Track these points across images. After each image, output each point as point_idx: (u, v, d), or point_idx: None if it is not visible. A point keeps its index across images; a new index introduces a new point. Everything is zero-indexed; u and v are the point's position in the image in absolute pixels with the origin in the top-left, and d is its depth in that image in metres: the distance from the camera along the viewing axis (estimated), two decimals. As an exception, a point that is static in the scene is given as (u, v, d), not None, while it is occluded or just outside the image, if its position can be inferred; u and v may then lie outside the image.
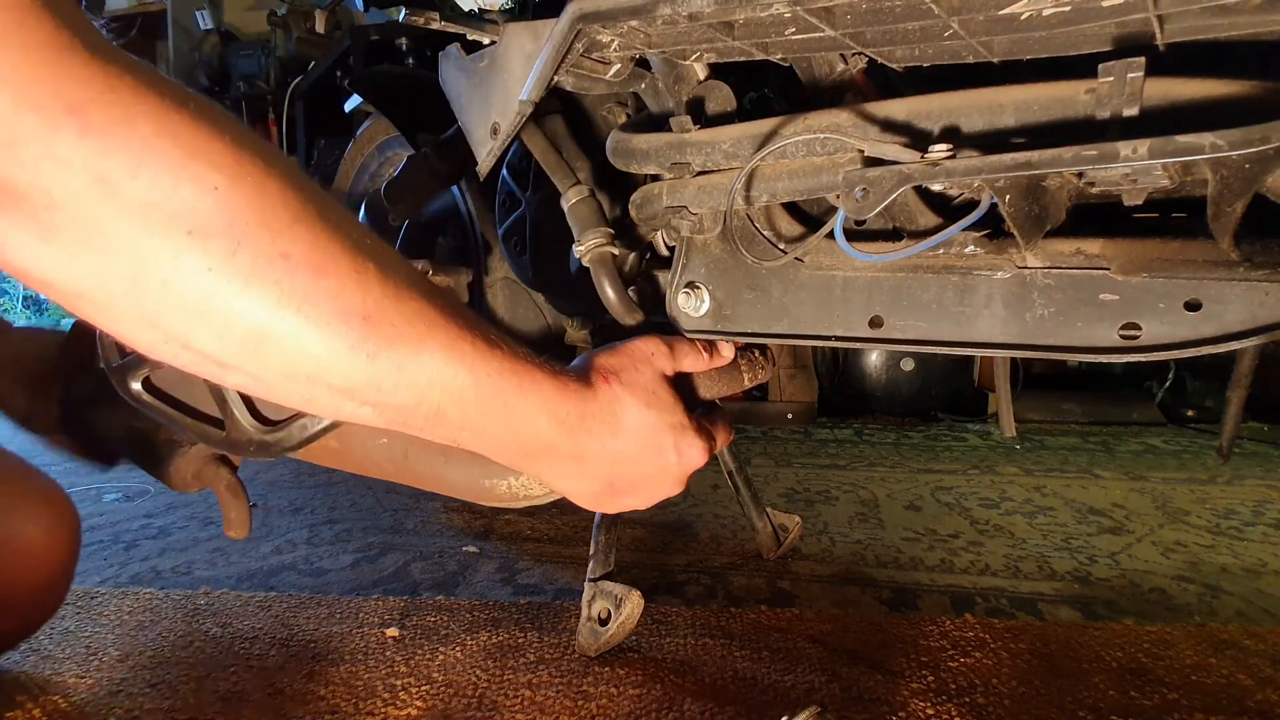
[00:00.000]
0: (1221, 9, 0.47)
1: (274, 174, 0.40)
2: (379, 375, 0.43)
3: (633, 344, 0.63)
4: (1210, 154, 0.43)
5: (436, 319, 0.46)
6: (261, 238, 0.38)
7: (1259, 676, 0.81)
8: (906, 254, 0.60)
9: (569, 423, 0.55)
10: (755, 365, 0.77)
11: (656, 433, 0.59)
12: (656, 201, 0.73)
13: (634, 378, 0.60)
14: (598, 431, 0.57)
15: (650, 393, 0.60)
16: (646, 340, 0.64)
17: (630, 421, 0.58)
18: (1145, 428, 2.25)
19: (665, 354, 0.64)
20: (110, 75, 0.35)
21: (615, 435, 0.58)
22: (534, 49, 0.66)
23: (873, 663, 0.83)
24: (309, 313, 0.40)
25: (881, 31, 0.55)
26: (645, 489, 0.62)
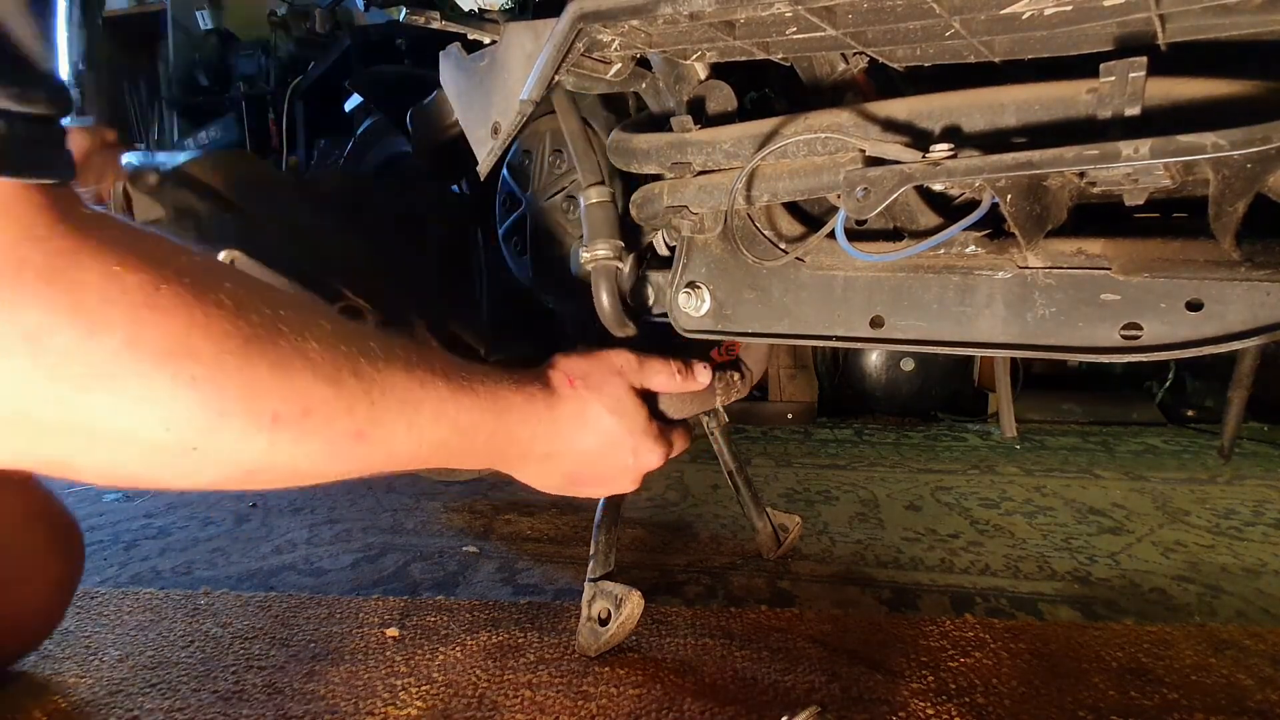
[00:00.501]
0: (1223, 9, 0.47)
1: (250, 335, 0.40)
2: (371, 463, 0.49)
3: (605, 354, 0.66)
4: (1212, 153, 0.43)
5: (416, 395, 0.49)
6: (250, 410, 0.40)
7: (1259, 676, 0.81)
8: (907, 254, 0.60)
9: (540, 430, 0.60)
10: (731, 387, 0.78)
11: (619, 437, 0.64)
12: (657, 201, 0.73)
13: (601, 384, 0.64)
14: (567, 433, 0.62)
15: (616, 400, 0.64)
16: (619, 353, 0.67)
17: (596, 424, 0.63)
18: (1145, 428, 2.25)
19: (634, 369, 0.67)
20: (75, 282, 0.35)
21: (582, 435, 0.63)
22: (534, 48, 0.66)
23: (873, 663, 0.83)
24: (308, 448, 0.44)
25: (883, 31, 0.55)
26: (603, 484, 0.69)
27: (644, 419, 0.66)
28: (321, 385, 0.43)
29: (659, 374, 0.69)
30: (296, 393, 0.42)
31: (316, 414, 0.43)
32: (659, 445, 0.68)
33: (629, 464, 0.67)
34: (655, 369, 0.69)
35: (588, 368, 0.64)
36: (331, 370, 0.44)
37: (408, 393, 0.49)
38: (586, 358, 0.65)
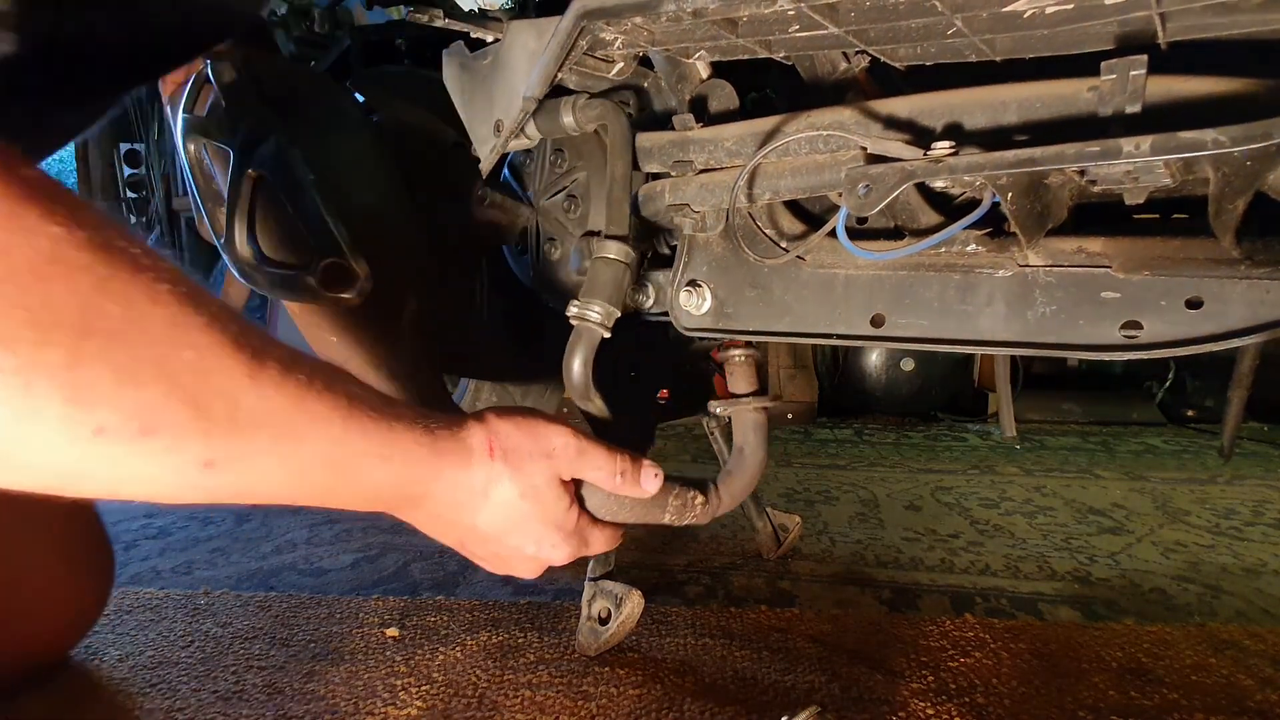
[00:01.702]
0: (1223, 7, 0.47)
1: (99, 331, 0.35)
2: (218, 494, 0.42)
3: (543, 431, 0.57)
4: (1212, 150, 0.43)
5: (299, 431, 0.43)
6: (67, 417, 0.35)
7: (1259, 676, 0.81)
8: (909, 252, 0.60)
9: (440, 490, 0.52)
10: (687, 508, 0.68)
11: (523, 524, 0.56)
12: (659, 199, 0.73)
13: (524, 463, 0.55)
14: (469, 504, 0.54)
15: (534, 487, 0.56)
16: (560, 432, 0.58)
17: (503, 504, 0.55)
18: (1145, 428, 2.25)
19: (570, 456, 0.58)
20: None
21: (484, 511, 0.55)
22: (538, 46, 0.66)
23: (873, 663, 0.83)
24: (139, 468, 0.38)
25: (885, 29, 0.55)
26: (496, 564, 0.60)
27: (561, 512, 0.58)
28: (177, 405, 0.37)
29: (599, 470, 0.60)
30: (140, 408, 0.36)
31: (161, 435, 0.37)
32: (568, 543, 0.60)
33: (528, 553, 0.59)
34: (595, 462, 0.59)
35: (518, 440, 0.55)
36: (197, 388, 0.38)
37: (290, 427, 0.43)
38: (522, 427, 0.56)
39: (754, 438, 0.85)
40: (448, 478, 0.52)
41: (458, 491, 0.53)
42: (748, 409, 0.86)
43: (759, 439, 0.85)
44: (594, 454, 0.59)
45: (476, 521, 0.55)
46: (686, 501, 0.67)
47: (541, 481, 0.56)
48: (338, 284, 0.67)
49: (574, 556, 0.60)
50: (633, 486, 0.62)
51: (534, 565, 0.60)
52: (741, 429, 0.85)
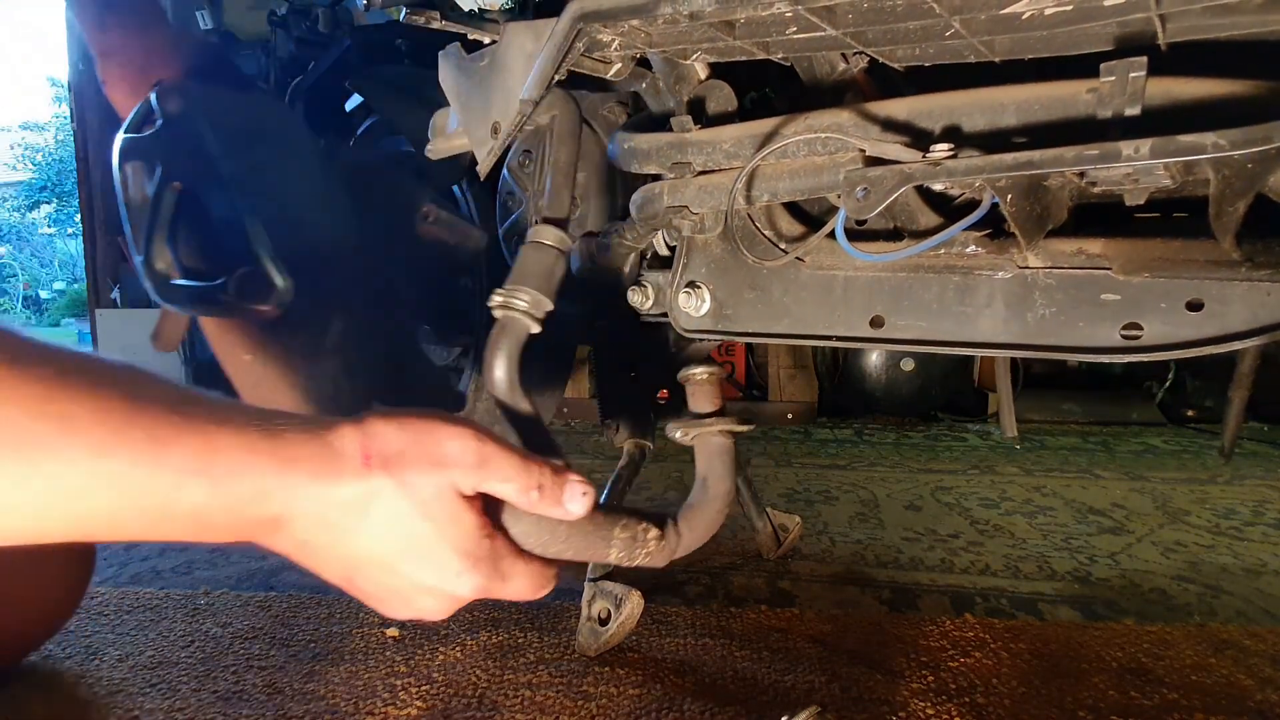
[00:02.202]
0: (1223, 9, 0.46)
1: None
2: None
3: (432, 432, 0.46)
4: (1212, 153, 0.43)
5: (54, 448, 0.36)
6: None
7: (1259, 676, 0.81)
8: (908, 254, 0.60)
9: (297, 509, 0.42)
10: (637, 544, 0.56)
11: (419, 547, 0.45)
12: (657, 201, 0.73)
13: (410, 473, 0.44)
14: (340, 524, 0.43)
15: (423, 501, 0.44)
16: (457, 434, 0.46)
17: (388, 524, 0.44)
18: (1145, 428, 2.25)
19: (469, 466, 0.46)
20: None
21: (362, 534, 0.44)
22: (535, 48, 0.66)
23: (873, 663, 0.83)
24: None
25: (883, 31, 0.55)
26: (392, 603, 0.48)
27: (463, 533, 0.46)
28: None
29: (507, 483, 0.47)
30: None
31: None
32: (475, 571, 0.46)
33: (428, 583, 0.46)
34: (502, 472, 0.47)
35: (401, 446, 0.44)
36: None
37: (22, 437, 0.35)
38: (408, 429, 0.45)
39: (719, 465, 0.74)
40: (309, 492, 0.42)
41: (327, 509, 0.43)
42: (711, 433, 0.75)
43: (724, 466, 0.74)
44: (500, 463, 0.47)
45: (357, 547, 0.44)
46: (637, 536, 0.55)
47: (431, 495, 0.44)
48: (254, 294, 0.63)
49: (486, 591, 0.48)
50: (552, 505, 0.49)
51: (438, 600, 0.47)
52: (705, 456, 0.75)
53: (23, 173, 12.44)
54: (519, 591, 0.50)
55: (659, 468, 1.72)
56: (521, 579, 0.49)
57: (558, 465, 0.51)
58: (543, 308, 0.63)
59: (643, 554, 0.56)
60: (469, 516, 0.46)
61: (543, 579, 0.51)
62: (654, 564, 0.58)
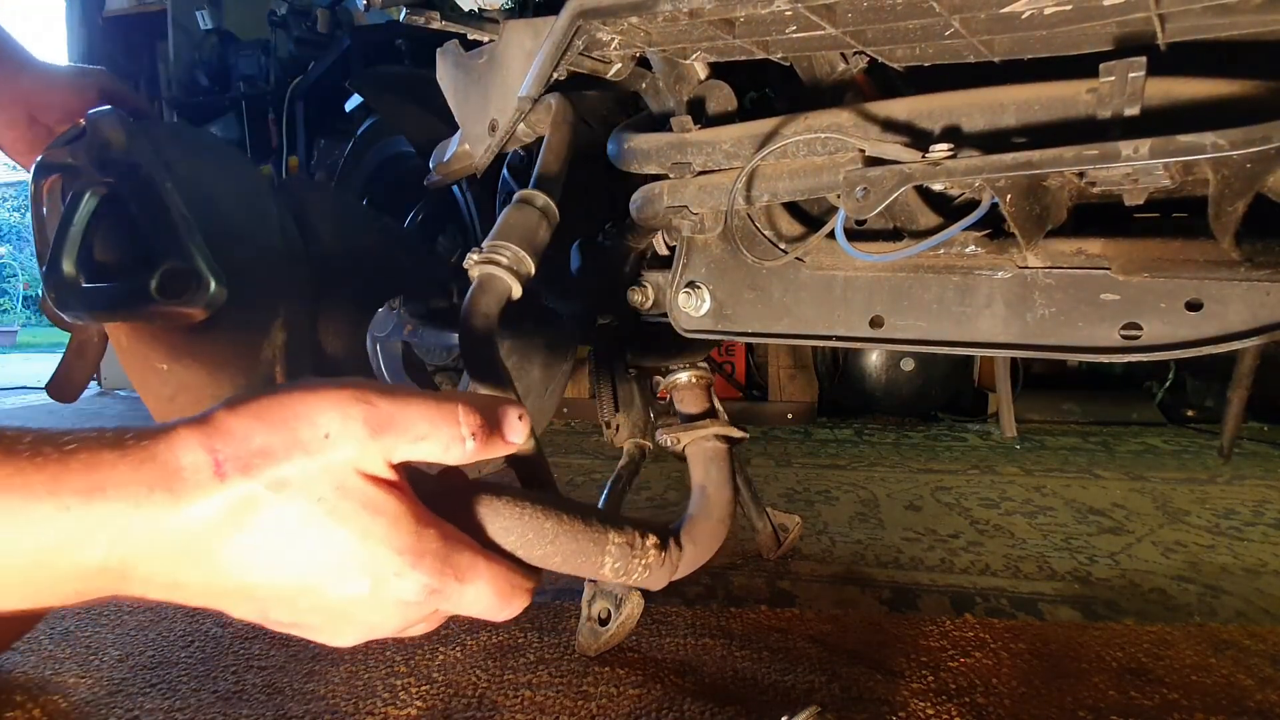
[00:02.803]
0: (1222, 8, 0.46)
1: None
2: None
3: (303, 406, 0.35)
4: (1211, 153, 0.43)
5: None
6: None
7: (1259, 676, 0.81)
8: (907, 254, 0.60)
9: (135, 546, 0.33)
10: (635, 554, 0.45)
11: (341, 555, 0.35)
12: (657, 201, 0.73)
13: (290, 472, 0.34)
14: (200, 553, 0.34)
15: (323, 499, 0.34)
16: (335, 403, 0.35)
17: (278, 539, 0.34)
18: (1145, 428, 2.25)
19: (367, 435, 0.35)
20: None
21: (237, 561, 0.34)
22: (534, 46, 0.66)
23: (873, 663, 0.83)
24: None
25: (883, 30, 0.55)
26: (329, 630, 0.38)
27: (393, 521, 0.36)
28: None
29: (421, 440, 0.36)
30: None
31: None
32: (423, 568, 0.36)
33: (363, 596, 0.36)
34: (411, 428, 0.36)
35: (265, 438, 0.34)
36: None
37: None
38: (268, 414, 0.35)
39: (716, 473, 0.67)
40: (140, 523, 0.32)
41: (176, 539, 0.33)
42: (704, 439, 0.68)
43: (722, 473, 0.67)
44: (406, 420, 0.36)
45: (246, 576, 0.35)
46: (635, 545, 0.45)
47: (327, 488, 0.34)
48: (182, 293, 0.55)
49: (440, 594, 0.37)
50: (495, 441, 0.39)
51: (383, 613, 0.37)
52: (701, 464, 0.67)
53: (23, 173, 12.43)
54: (482, 599, 0.38)
55: (659, 468, 1.72)
56: (484, 582, 0.38)
57: (489, 396, 0.40)
58: (525, 267, 0.55)
59: (640, 567, 0.46)
60: (391, 501, 0.36)
61: (512, 584, 0.39)
62: (651, 584, 0.48)
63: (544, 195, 0.59)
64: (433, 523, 0.38)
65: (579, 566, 0.44)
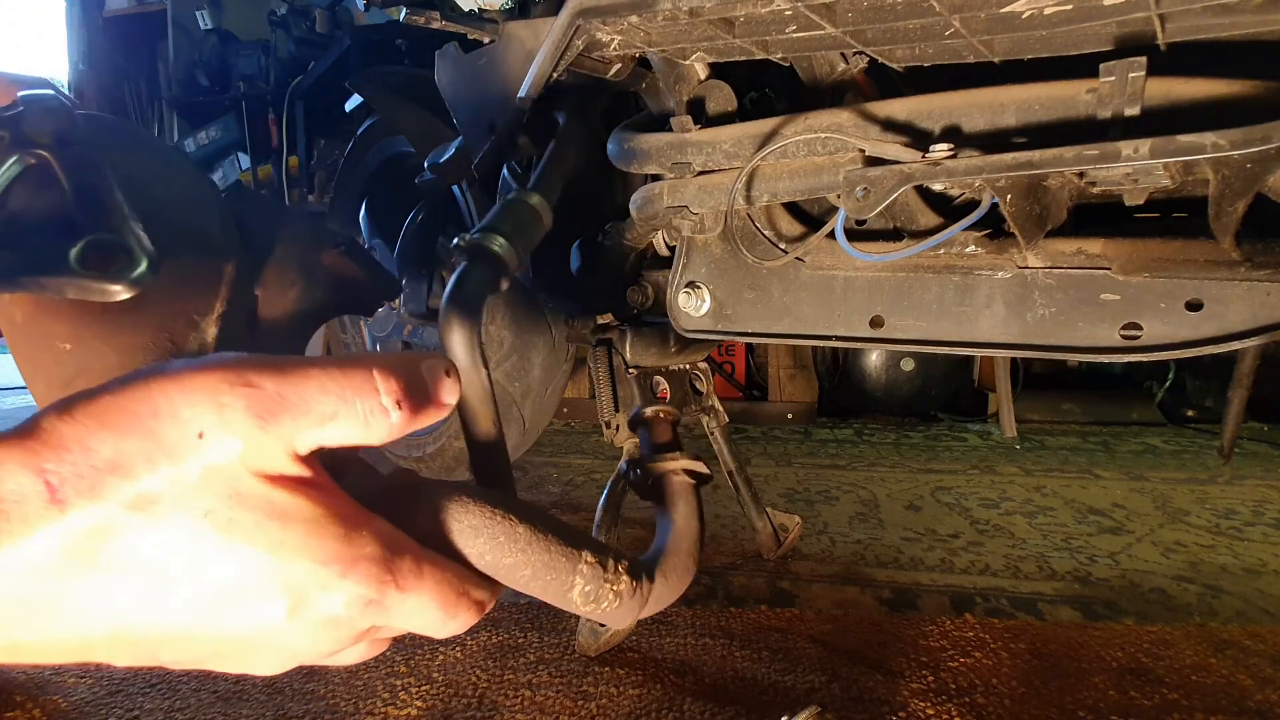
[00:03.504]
0: (1222, 8, 0.46)
1: None
2: None
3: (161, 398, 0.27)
4: (1212, 153, 0.43)
5: None
6: None
7: (1259, 676, 0.81)
8: (907, 254, 0.60)
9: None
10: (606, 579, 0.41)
11: (247, 577, 0.28)
12: (657, 201, 0.73)
13: (154, 486, 0.27)
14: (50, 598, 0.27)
15: (211, 513, 0.27)
16: (199, 386, 0.28)
17: (153, 572, 0.27)
18: (1145, 428, 2.25)
19: (245, 424, 0.28)
20: None
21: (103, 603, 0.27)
22: (533, 47, 0.66)
23: (873, 663, 0.83)
24: None
25: (883, 30, 0.55)
26: (243, 660, 0.31)
27: (312, 524, 0.29)
28: None
29: (330, 418, 0.29)
30: None
31: None
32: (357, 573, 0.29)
33: (278, 621, 0.29)
34: (315, 405, 0.29)
35: (117, 448, 0.26)
36: None
37: None
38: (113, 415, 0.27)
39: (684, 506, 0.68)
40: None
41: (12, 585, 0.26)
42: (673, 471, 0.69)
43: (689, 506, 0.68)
44: (306, 394, 0.29)
45: (118, 621, 0.28)
46: (608, 568, 0.41)
47: (218, 500, 0.27)
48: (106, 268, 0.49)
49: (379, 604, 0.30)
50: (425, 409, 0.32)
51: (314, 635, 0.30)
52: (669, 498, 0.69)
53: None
54: (426, 610, 0.31)
55: (659, 468, 1.72)
56: (431, 591, 0.31)
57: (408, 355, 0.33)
58: (516, 258, 0.52)
59: (611, 593, 0.41)
60: (303, 503, 0.29)
61: (460, 592, 0.32)
62: (619, 617, 0.42)
63: (539, 196, 0.58)
64: (365, 522, 0.30)
65: (547, 584, 0.39)
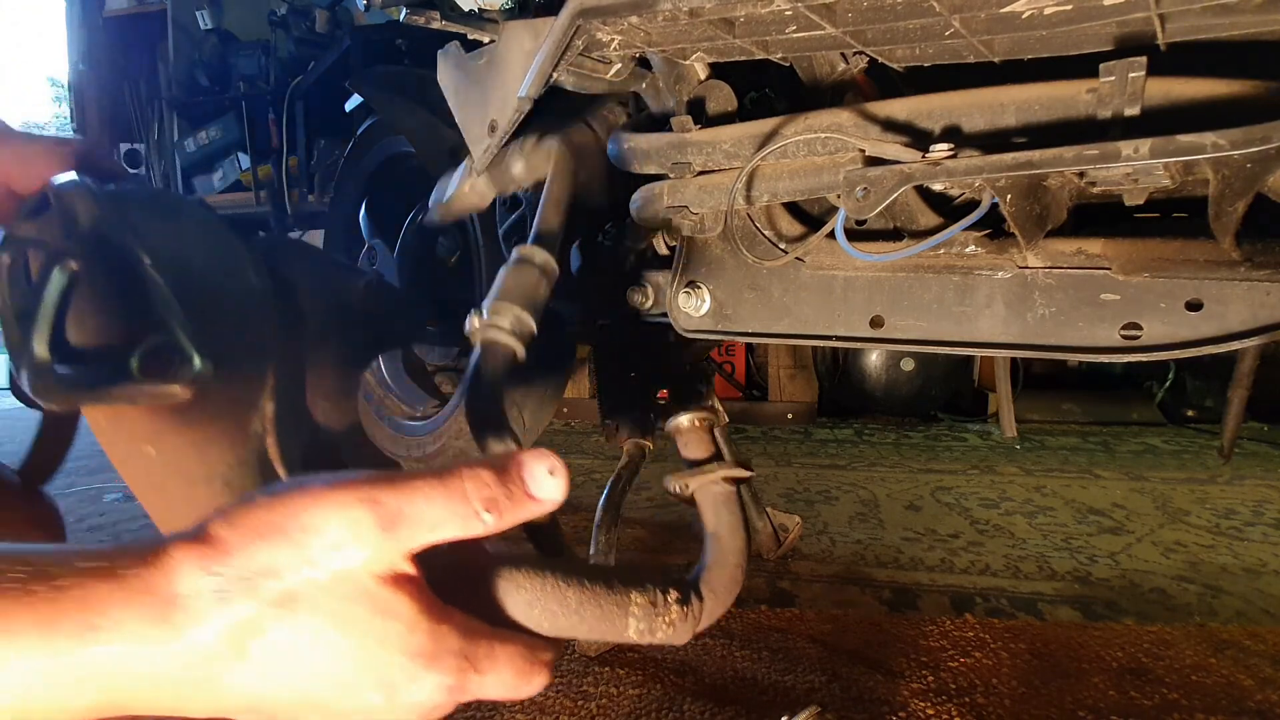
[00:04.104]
0: (1222, 8, 0.46)
1: None
2: None
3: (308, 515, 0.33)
4: (1211, 153, 0.43)
5: None
6: None
7: (1259, 676, 0.81)
8: (907, 254, 0.60)
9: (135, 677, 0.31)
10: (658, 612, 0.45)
11: (353, 671, 0.34)
12: (657, 201, 0.73)
13: (302, 591, 0.33)
14: (202, 682, 0.32)
15: (334, 614, 0.33)
16: (340, 506, 0.34)
17: (288, 660, 0.33)
18: (1145, 428, 2.25)
19: (371, 537, 0.34)
20: None
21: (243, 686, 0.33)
22: (533, 46, 0.66)
23: (873, 663, 0.83)
24: None
25: (883, 30, 0.55)
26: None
27: (407, 625, 0.35)
28: None
29: (438, 527, 0.35)
30: None
31: None
32: (439, 668, 0.35)
33: (377, 707, 0.35)
34: (424, 516, 0.34)
35: (270, 557, 0.33)
36: None
37: None
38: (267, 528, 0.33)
39: (728, 516, 0.67)
40: (142, 663, 0.31)
41: (175, 674, 0.32)
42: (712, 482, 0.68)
43: (734, 516, 0.67)
44: (417, 508, 0.34)
45: (254, 697, 0.34)
46: (658, 603, 0.45)
47: (339, 603, 0.33)
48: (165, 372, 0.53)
49: (461, 690, 0.36)
50: (518, 509, 0.36)
51: (405, 715, 0.36)
52: (711, 509, 0.67)
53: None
54: (503, 683, 0.37)
55: (659, 468, 1.72)
56: (505, 667, 0.37)
57: (498, 456, 0.38)
58: (526, 329, 0.54)
59: (664, 624, 0.46)
60: (404, 602, 0.34)
61: (532, 662, 0.38)
62: (676, 639, 0.47)
63: (543, 251, 0.58)
64: (447, 616, 0.36)
65: (604, 632, 0.43)
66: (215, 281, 0.63)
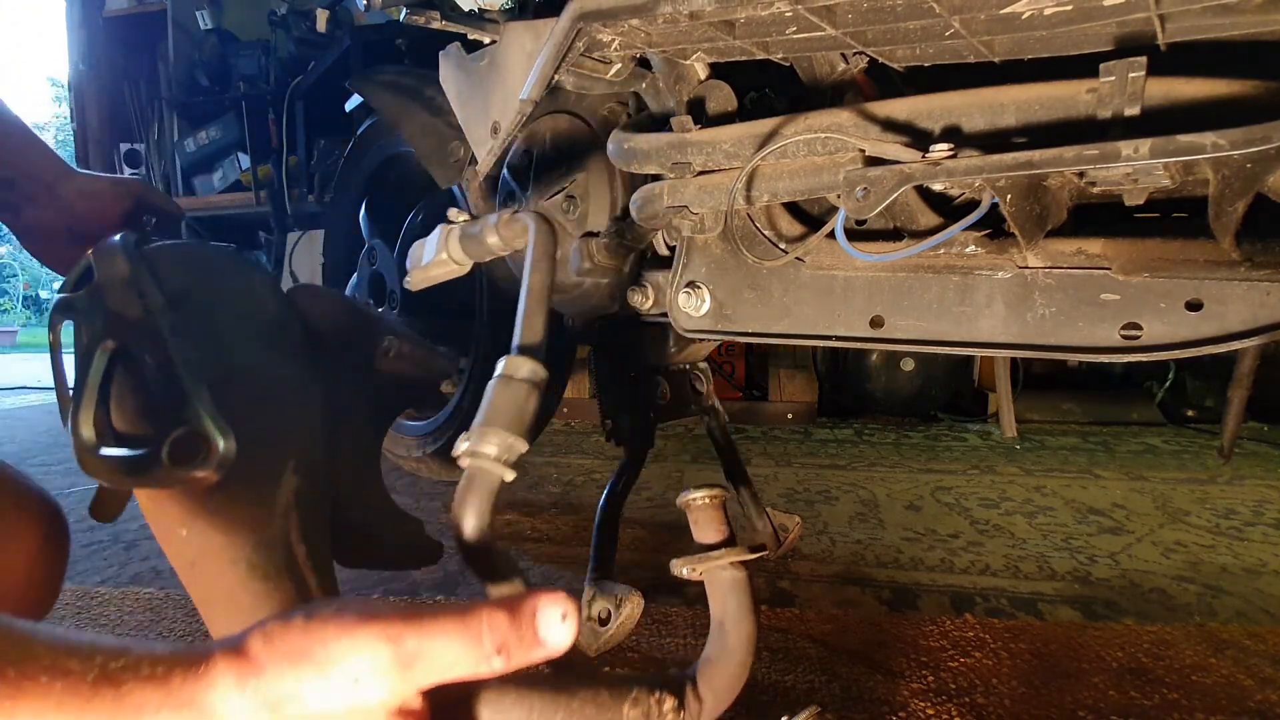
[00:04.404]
0: (1222, 9, 0.47)
1: None
2: None
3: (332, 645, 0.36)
4: (1211, 153, 0.43)
5: None
6: None
7: (1259, 676, 0.81)
8: (907, 254, 0.60)
9: None
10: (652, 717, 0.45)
11: None
12: (657, 201, 0.73)
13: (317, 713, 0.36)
14: None
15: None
16: (361, 640, 0.36)
17: None
18: (1145, 428, 2.25)
19: (390, 675, 0.36)
20: None
21: None
22: (534, 48, 0.66)
23: (873, 663, 0.83)
24: None
25: (883, 30, 0.55)
26: None
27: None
28: None
29: (452, 666, 0.37)
30: None
31: None
32: None
33: None
34: (440, 656, 0.37)
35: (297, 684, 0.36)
36: None
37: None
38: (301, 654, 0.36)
39: (735, 604, 0.65)
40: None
41: None
42: (721, 567, 0.66)
43: (742, 605, 0.65)
44: (434, 647, 0.37)
45: None
46: (651, 713, 0.45)
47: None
48: (191, 459, 0.56)
49: None
50: (528, 652, 0.39)
51: None
52: (718, 595, 0.66)
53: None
54: None
55: (659, 468, 1.72)
56: None
57: (513, 596, 0.40)
58: (515, 451, 0.54)
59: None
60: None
61: None
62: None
63: (529, 362, 0.55)
64: None
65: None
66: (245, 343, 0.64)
